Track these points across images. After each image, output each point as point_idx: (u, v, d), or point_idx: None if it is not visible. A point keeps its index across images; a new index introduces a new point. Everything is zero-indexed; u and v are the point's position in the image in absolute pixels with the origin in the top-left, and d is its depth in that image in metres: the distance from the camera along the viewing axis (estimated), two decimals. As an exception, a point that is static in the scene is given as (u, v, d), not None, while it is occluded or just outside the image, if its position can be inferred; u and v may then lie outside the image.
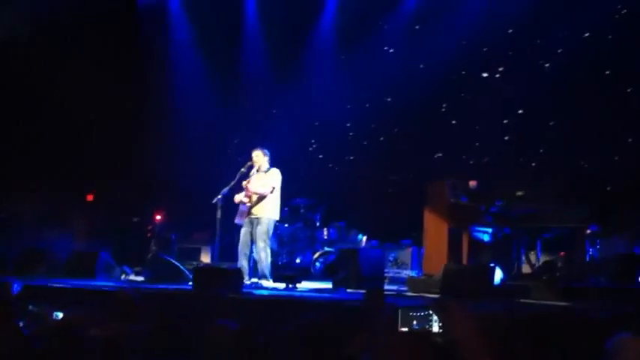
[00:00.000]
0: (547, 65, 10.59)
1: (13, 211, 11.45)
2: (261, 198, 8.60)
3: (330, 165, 12.01)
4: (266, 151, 8.78)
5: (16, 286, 5.60)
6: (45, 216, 11.79)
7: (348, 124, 12.03)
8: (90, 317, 3.95)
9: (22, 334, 3.93)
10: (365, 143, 11.94)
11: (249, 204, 8.64)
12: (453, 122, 11.22)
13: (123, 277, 9.34)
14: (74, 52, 12.13)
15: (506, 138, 10.76)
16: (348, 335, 3.43)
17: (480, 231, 8.41)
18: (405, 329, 2.20)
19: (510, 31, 10.76)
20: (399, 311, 2.20)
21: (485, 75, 11.05)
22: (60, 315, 4.43)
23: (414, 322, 2.19)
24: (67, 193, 12.27)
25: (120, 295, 4.65)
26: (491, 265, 7.41)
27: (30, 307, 4.93)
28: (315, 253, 10.35)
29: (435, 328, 2.17)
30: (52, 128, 12.10)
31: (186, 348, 3.53)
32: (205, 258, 10.90)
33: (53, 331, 4.10)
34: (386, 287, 8.39)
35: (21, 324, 4.24)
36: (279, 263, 10.24)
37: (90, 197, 12.99)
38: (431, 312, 2.18)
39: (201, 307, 6.03)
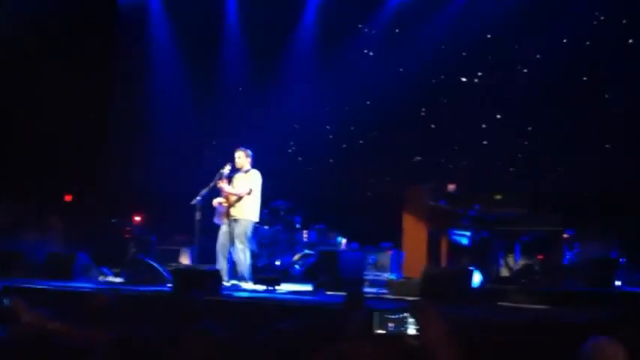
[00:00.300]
0: (525, 71, 10.70)
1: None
2: (240, 199, 8.58)
3: (310, 168, 12.00)
4: (249, 151, 8.76)
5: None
6: (21, 218, 11.66)
7: (328, 127, 12.05)
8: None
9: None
10: (344, 146, 11.97)
11: (226, 205, 8.61)
12: (432, 126, 11.30)
13: (101, 278, 9.28)
14: (50, 51, 12.04)
15: (484, 142, 10.84)
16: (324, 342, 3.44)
17: (458, 234, 8.46)
18: (380, 332, 2.21)
19: (489, 36, 10.86)
20: (375, 314, 2.21)
21: (463, 79, 11.14)
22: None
23: (390, 325, 2.20)
24: (43, 194, 12.16)
25: (97, 298, 4.61)
26: (470, 268, 7.46)
27: (4, 300, 4.86)
28: (294, 255, 10.35)
29: (411, 331, 2.18)
30: (27, 130, 11.98)
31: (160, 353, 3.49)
32: (185, 260, 10.83)
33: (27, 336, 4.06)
34: (366, 290, 8.38)
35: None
36: (259, 265, 10.20)
37: (68, 198, 12.88)
38: (407, 314, 2.19)
39: (178, 310, 6.00)
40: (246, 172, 8.71)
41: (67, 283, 8.22)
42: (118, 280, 9.16)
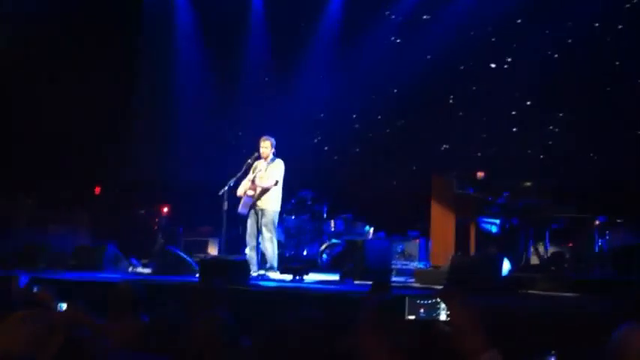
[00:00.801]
0: (556, 56, 10.50)
1: (11, 208, 11.46)
2: (265, 190, 8.57)
3: (336, 157, 11.96)
4: (273, 140, 8.74)
5: (23, 278, 5.61)
6: (49, 211, 11.80)
7: (354, 116, 11.99)
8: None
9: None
10: (371, 135, 11.90)
11: (253, 196, 8.60)
12: (461, 114, 11.16)
13: (130, 269, 9.35)
14: (75, 41, 12.13)
15: (514, 129, 10.69)
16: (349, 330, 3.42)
17: (487, 222, 8.37)
18: (412, 317, 2.18)
19: (519, 20, 10.67)
20: (407, 299, 2.17)
21: (493, 65, 10.97)
22: (64, 306, 4.42)
23: (421, 311, 2.17)
24: (71, 187, 12.30)
25: (122, 288, 4.64)
26: (499, 256, 7.36)
27: (35, 289, 4.91)
28: (321, 245, 10.33)
29: (443, 317, 2.14)
30: (53, 122, 12.11)
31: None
32: (212, 250, 10.90)
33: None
34: (393, 279, 8.36)
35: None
36: (286, 255, 10.23)
37: (97, 190, 13.02)
38: (439, 300, 2.15)
39: (205, 300, 6.02)
40: (271, 162, 8.67)
41: (96, 275, 8.29)
42: (147, 270, 9.23)
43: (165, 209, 11.93)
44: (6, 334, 2.96)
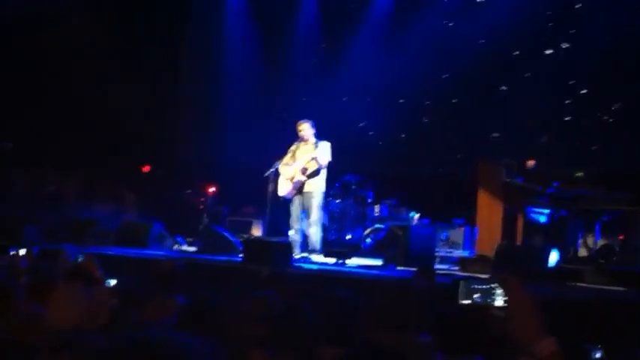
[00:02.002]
0: (613, 44, 10.16)
1: (61, 184, 11.68)
2: (314, 172, 8.51)
3: (381, 142, 11.85)
4: (311, 122, 8.66)
5: (70, 252, 5.69)
6: (96, 187, 12.01)
7: (402, 101, 11.85)
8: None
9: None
10: (418, 120, 11.75)
11: (302, 179, 8.55)
12: (512, 101, 10.91)
13: (175, 247, 9.46)
14: (123, 25, 12.27)
15: (567, 118, 10.43)
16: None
17: (536, 212, 8.19)
18: (466, 302, 2.10)
19: (578, 5, 10.36)
20: (461, 283, 2.10)
21: (548, 52, 10.68)
22: (113, 282, 4.47)
23: (476, 295, 2.09)
24: (119, 164, 12.48)
25: (165, 264, 4.66)
26: (547, 246, 7.22)
27: (78, 257, 4.99)
28: (365, 229, 10.28)
29: (499, 303, 2.07)
30: (107, 101, 12.28)
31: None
32: (256, 231, 10.95)
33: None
34: (437, 266, 8.27)
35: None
36: (329, 239, 10.20)
37: (146, 169, 13.19)
38: (494, 285, 2.07)
39: (248, 279, 6.05)
40: (315, 143, 8.58)
41: (142, 251, 8.40)
42: (192, 249, 9.33)
43: (212, 189, 12.03)
44: (55, 306, 3.00)
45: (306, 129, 8.57)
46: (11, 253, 5.86)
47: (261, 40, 12.77)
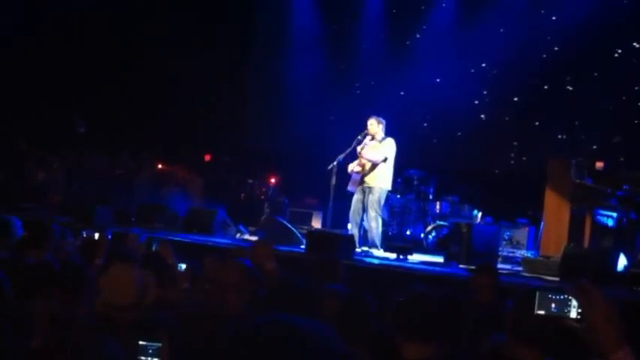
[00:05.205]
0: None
1: (132, 168, 11.99)
2: (374, 166, 8.50)
3: (444, 139, 11.74)
4: (381, 119, 8.65)
5: (141, 236, 5.87)
6: (164, 174, 12.29)
7: (476, 102, 11.69)
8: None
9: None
10: (484, 118, 11.62)
11: (362, 172, 8.58)
12: (581, 100, 10.67)
13: (238, 235, 9.59)
14: (189, 13, 12.49)
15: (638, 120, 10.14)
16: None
17: (604, 215, 8.01)
18: (541, 312, 2.08)
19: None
20: (538, 293, 2.08)
21: (619, 51, 10.40)
22: (183, 266, 4.59)
23: (553, 306, 2.07)
24: (184, 152, 12.74)
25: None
26: (616, 250, 7.05)
27: (153, 245, 5.14)
28: (425, 225, 10.22)
29: (574, 314, 2.04)
30: (172, 95, 12.57)
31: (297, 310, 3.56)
32: (316, 223, 11.02)
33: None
34: (499, 266, 8.17)
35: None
36: (389, 234, 10.19)
37: (207, 157, 13.42)
38: (570, 297, 2.05)
39: (313, 270, 6.10)
40: (381, 140, 8.60)
41: (208, 238, 8.55)
42: (254, 238, 9.44)
43: (273, 179, 12.15)
44: (110, 284, 3.15)
45: (374, 125, 8.57)
46: (84, 234, 6.10)
47: (329, 32, 12.81)
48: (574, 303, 2.02)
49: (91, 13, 12.11)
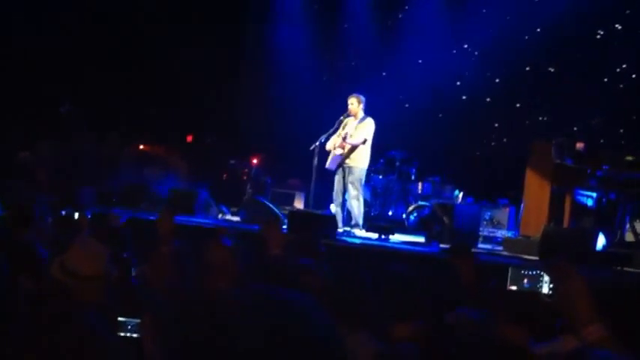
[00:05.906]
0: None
1: (119, 148, 11.92)
2: (354, 147, 8.52)
3: (427, 120, 11.76)
4: (361, 97, 8.61)
5: (121, 218, 5.84)
6: (146, 155, 12.22)
7: (458, 83, 11.71)
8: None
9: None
10: (466, 99, 11.64)
11: (342, 153, 8.57)
12: (563, 82, 10.72)
13: (220, 216, 9.58)
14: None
15: (620, 101, 10.21)
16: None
17: (584, 194, 8.09)
18: (514, 288, 2.12)
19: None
20: (510, 269, 2.11)
21: (601, 32, 10.44)
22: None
23: (525, 281, 2.10)
24: (167, 134, 12.66)
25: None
26: (595, 229, 7.13)
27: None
28: (407, 206, 10.27)
29: (545, 289, 2.08)
30: (152, 75, 12.47)
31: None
32: (298, 204, 11.02)
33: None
34: (480, 246, 8.25)
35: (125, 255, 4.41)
36: (372, 214, 10.22)
37: (189, 138, 13.35)
38: (542, 272, 2.08)
39: (292, 250, 6.11)
40: (362, 120, 8.59)
41: (189, 218, 8.53)
42: (236, 218, 9.44)
43: (255, 160, 12.12)
44: (73, 255, 3.16)
45: (354, 104, 8.55)
46: (63, 214, 6.07)
47: (316, 12, 12.74)
48: (545, 278, 2.06)
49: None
